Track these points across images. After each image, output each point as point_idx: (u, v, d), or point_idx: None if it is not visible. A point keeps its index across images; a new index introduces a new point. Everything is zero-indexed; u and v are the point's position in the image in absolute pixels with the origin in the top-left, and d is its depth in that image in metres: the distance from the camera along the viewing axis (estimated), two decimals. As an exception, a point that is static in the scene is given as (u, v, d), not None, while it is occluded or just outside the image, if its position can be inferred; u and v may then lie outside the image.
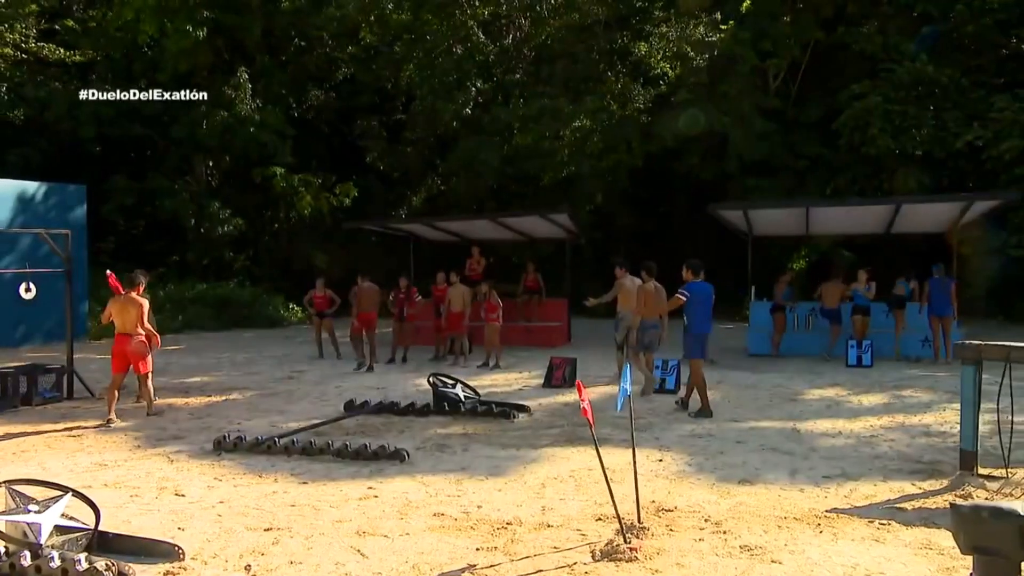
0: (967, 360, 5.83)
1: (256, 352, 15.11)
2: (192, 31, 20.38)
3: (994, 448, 6.35)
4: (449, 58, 20.68)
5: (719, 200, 22.73)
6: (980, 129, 16.73)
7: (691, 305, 8.73)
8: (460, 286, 13.04)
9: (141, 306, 8.46)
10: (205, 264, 22.65)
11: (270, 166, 22.24)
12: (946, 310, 12.94)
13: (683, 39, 20.33)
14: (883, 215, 13.53)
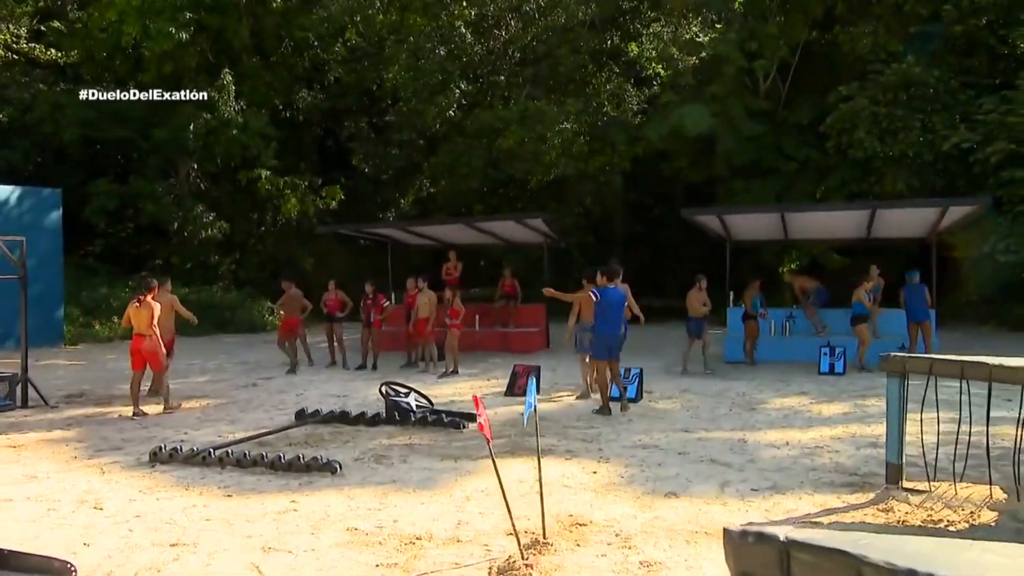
0: (891, 373, 5.90)
1: (229, 358, 15.27)
2: (174, 33, 20.55)
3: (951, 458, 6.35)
4: (433, 60, 20.79)
5: (709, 203, 23.01)
6: (967, 132, 16.72)
7: (600, 308, 9.39)
8: (427, 292, 13.17)
9: (153, 309, 9.45)
10: (189, 268, 22.83)
11: (255, 169, 22.40)
12: (924, 315, 13.06)
13: (671, 40, 20.39)
14: (860, 219, 13.57)
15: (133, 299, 9.68)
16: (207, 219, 22.24)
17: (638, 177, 24.84)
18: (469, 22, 22.45)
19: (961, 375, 5.55)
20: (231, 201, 24.17)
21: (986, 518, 5.28)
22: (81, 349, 16.85)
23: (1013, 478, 5.39)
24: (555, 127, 19.40)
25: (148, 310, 9.41)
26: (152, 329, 9.41)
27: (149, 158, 22.63)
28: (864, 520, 5.41)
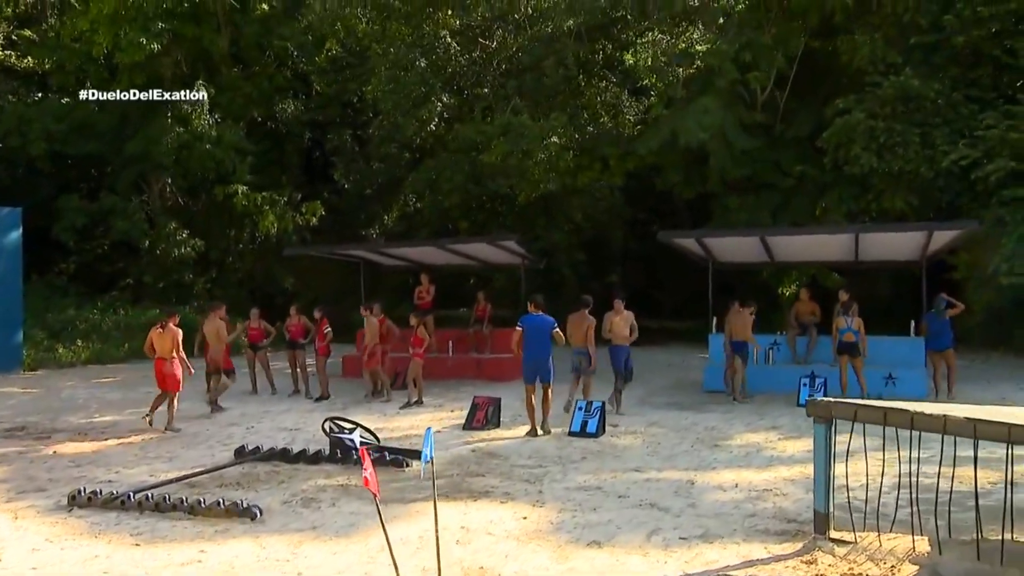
0: (818, 418, 6.04)
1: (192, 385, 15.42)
2: (146, 43, 20.94)
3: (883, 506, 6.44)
4: (414, 72, 21.09)
5: (708, 219, 23.14)
6: (967, 148, 16.79)
7: (525, 335, 10.55)
8: (372, 319, 13.37)
9: (175, 335, 11.01)
10: (163, 287, 23.14)
11: (232, 184, 22.73)
12: (948, 343, 13.16)
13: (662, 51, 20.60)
14: (846, 243, 13.68)
15: (156, 325, 11.20)
16: (181, 236, 22.56)
17: (634, 192, 24.99)
18: (454, 31, 22.74)
19: (884, 422, 5.69)
20: (207, 217, 24.51)
21: (907, 572, 5.41)
22: (40, 375, 17.11)
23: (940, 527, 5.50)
24: (540, 142, 19.60)
25: (171, 335, 10.94)
26: (174, 354, 10.92)
27: (121, 173, 23.00)
28: (783, 573, 5.55)
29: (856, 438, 6.15)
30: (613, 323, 12.03)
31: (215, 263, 24.70)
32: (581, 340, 11.66)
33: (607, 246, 26.54)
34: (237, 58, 25.80)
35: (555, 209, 23.43)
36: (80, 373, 17.50)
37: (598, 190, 23.49)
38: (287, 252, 19.22)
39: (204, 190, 23.70)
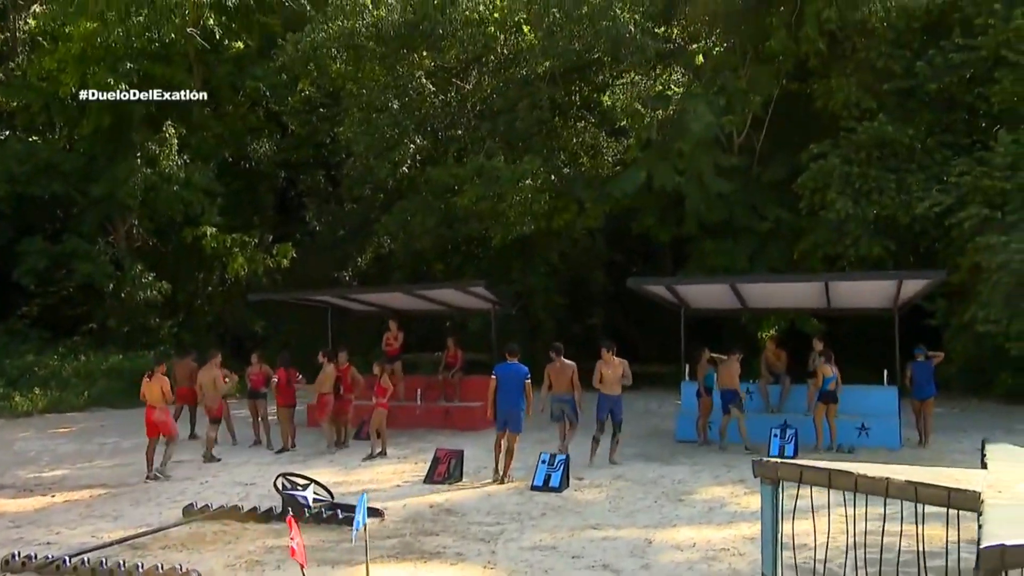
0: (765, 480, 6.11)
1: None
2: (114, 83, 21.14)
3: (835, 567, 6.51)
4: (387, 114, 21.35)
5: (684, 263, 23.39)
6: (941, 194, 17.14)
7: (498, 384, 11.04)
8: (327, 366, 13.42)
9: (163, 383, 11.52)
10: (127, 331, 23.07)
11: (200, 226, 22.81)
12: (930, 392, 13.54)
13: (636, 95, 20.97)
14: (818, 291, 13.88)
15: (146, 373, 11.70)
16: (147, 279, 22.55)
17: (614, 234, 25.23)
18: (429, 72, 23.06)
19: (829, 484, 5.78)
20: (175, 259, 24.54)
21: (852, 639, 5.46)
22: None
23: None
24: (514, 184, 19.82)
25: (159, 383, 11.42)
26: (163, 401, 11.44)
27: (86, 215, 23.02)
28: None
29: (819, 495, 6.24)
30: (603, 374, 12.10)
31: (183, 306, 24.68)
32: (565, 386, 11.96)
33: (586, 288, 26.68)
34: (209, 97, 26.03)
35: (532, 252, 23.59)
36: (36, 423, 17.36)
37: (575, 232, 23.70)
38: (252, 298, 19.27)
39: (172, 232, 23.75)
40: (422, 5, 21.94)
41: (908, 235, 18.55)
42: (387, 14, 21.66)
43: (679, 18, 22.33)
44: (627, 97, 21.01)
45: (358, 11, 21.34)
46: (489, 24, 21.13)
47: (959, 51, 17.67)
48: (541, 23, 20.98)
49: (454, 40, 20.98)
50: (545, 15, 20.63)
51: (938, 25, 18.55)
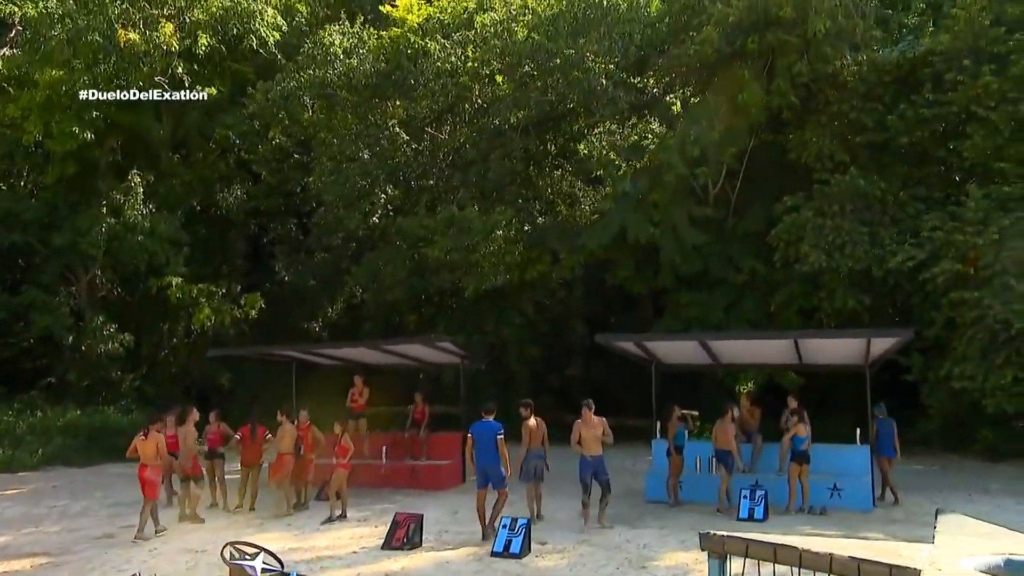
0: (712, 554, 6.18)
1: (104, 497, 15.25)
2: (79, 133, 21.29)
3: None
4: (358, 163, 21.60)
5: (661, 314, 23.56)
6: (914, 249, 17.45)
7: (475, 442, 11.39)
8: (286, 425, 13.40)
9: (157, 441, 11.78)
10: (87, 385, 22.91)
11: (165, 276, 22.82)
12: (890, 451, 13.86)
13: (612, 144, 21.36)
14: (788, 347, 14.04)
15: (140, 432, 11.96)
16: (108, 331, 22.46)
17: (592, 284, 25.43)
18: (402, 121, 23.38)
19: (774, 559, 5.85)
20: (140, 310, 24.50)
21: None
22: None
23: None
24: (487, 235, 20.03)
25: (154, 441, 11.70)
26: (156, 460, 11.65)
27: (46, 265, 23.00)
28: None
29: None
30: (583, 435, 12.09)
31: (146, 358, 24.56)
32: (539, 442, 12.34)
33: (564, 339, 26.80)
34: (178, 144, 26.25)
35: (506, 303, 23.71)
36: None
37: (551, 283, 23.88)
38: (211, 353, 19.23)
39: (137, 282, 23.74)
40: (394, 55, 22.39)
41: (883, 288, 18.81)
42: (359, 64, 22.06)
43: (653, 68, 22.82)
44: (601, 147, 21.41)
45: (329, 60, 21.69)
46: (462, 75, 21.51)
47: (930, 106, 18.14)
48: (514, 74, 21.40)
49: (426, 90, 21.32)
50: (518, 67, 21.05)
51: (909, 79, 19.04)
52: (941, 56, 18.08)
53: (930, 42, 18.57)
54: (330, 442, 13.52)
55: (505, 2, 21.92)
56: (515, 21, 21.09)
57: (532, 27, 21.07)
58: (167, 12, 22.33)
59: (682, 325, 21.62)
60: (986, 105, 17.12)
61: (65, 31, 20.95)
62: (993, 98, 17.01)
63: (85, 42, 20.93)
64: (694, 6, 21.83)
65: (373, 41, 22.88)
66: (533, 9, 21.50)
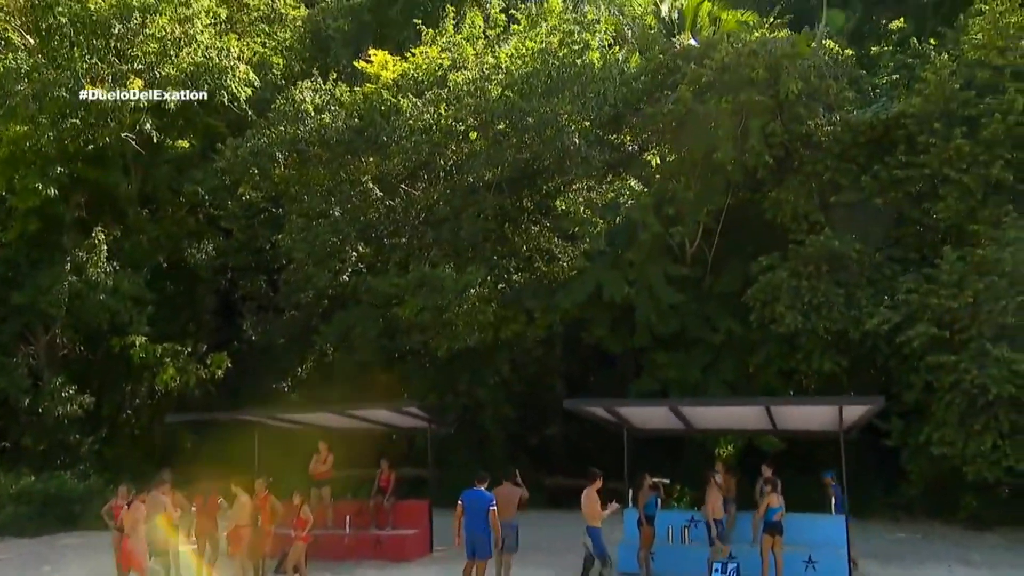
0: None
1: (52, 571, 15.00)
2: (42, 188, 21.37)
3: None
4: (328, 221, 21.76)
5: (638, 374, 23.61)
6: (890, 311, 17.67)
7: (465, 511, 11.49)
8: (241, 496, 13.30)
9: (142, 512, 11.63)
10: (44, 449, 22.65)
11: (129, 335, 22.74)
12: None
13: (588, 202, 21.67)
14: (760, 413, 14.13)
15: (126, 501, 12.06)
16: (67, 393, 22.28)
17: (570, 343, 25.51)
18: (375, 177, 23.60)
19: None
20: (101, 370, 24.35)
21: None
22: None
23: None
24: (460, 294, 20.16)
25: (137, 513, 11.59)
26: (140, 531, 11.50)
27: (5, 324, 22.89)
28: None
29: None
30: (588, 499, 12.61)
31: (106, 420, 24.35)
32: (510, 513, 12.33)
33: (541, 399, 26.75)
34: (147, 199, 26.34)
35: (480, 363, 23.74)
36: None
37: (526, 342, 23.95)
38: (170, 419, 19.15)
39: (100, 340, 23.63)
40: (368, 111, 22.71)
41: (861, 351, 18.98)
42: (331, 120, 22.34)
43: (628, 126, 23.24)
44: (577, 204, 21.72)
45: (300, 117, 21.97)
46: (435, 132, 21.84)
47: (904, 167, 18.56)
48: (488, 132, 21.73)
49: (399, 148, 21.60)
50: (492, 124, 21.39)
51: (883, 140, 19.45)
52: (913, 118, 18.54)
53: (903, 104, 19.03)
54: (289, 512, 13.40)
55: (479, 61, 22.34)
56: (488, 80, 21.44)
57: (506, 85, 21.45)
58: (137, 67, 22.59)
59: (659, 386, 21.73)
60: (958, 168, 17.54)
61: (31, 87, 21.13)
62: (965, 161, 17.45)
63: (51, 98, 21.08)
64: (668, 65, 22.40)
65: (346, 97, 23.22)
66: (507, 68, 21.90)
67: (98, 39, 22.23)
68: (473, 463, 23.43)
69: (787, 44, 19.92)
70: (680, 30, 27.63)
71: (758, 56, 19.52)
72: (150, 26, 22.46)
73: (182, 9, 22.90)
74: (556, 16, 23.50)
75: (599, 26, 24.09)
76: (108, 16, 21.91)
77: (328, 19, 29.87)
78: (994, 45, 17.82)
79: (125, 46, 22.63)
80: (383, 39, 28.37)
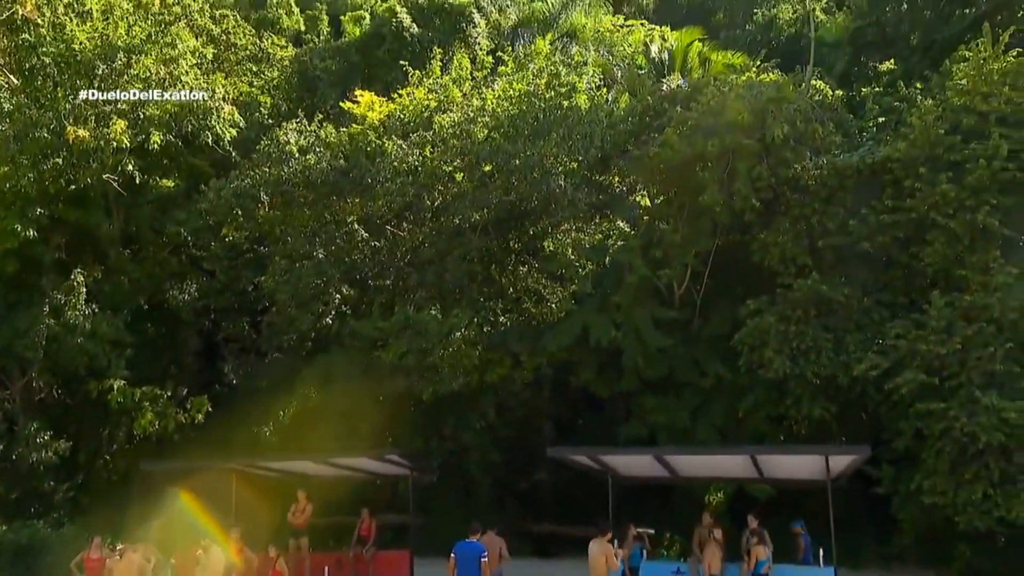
0: None
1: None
2: (21, 230, 21.39)
3: None
4: (312, 263, 21.86)
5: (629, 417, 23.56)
6: (878, 357, 17.76)
7: (457, 562, 11.48)
8: (213, 550, 13.18)
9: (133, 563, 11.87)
10: (16, 497, 22.40)
11: (107, 379, 22.64)
12: None
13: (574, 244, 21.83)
14: (746, 462, 14.14)
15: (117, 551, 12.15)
16: (43, 439, 22.09)
17: (558, 385, 25.50)
18: (360, 218, 23.74)
19: None
20: (79, 415, 24.16)
21: None
22: None
23: None
24: (445, 338, 20.21)
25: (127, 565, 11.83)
26: None
27: (-23, 370, 22.79)
28: None
29: None
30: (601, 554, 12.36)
31: (83, 466, 24.11)
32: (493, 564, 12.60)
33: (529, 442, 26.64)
34: (129, 239, 26.35)
35: (466, 407, 23.70)
36: None
37: (513, 386, 23.94)
38: (145, 467, 19.01)
39: (76, 384, 23.50)
40: (353, 153, 22.93)
41: (851, 396, 19.04)
42: (316, 161, 22.54)
43: (616, 168, 23.48)
44: (563, 247, 21.89)
45: (284, 159, 22.16)
46: (421, 174, 22.03)
47: (891, 212, 18.78)
48: (474, 174, 21.94)
49: (383, 189, 21.77)
50: (478, 167, 21.61)
51: (870, 184, 19.70)
52: (899, 163, 18.81)
53: (889, 149, 19.30)
54: (265, 565, 13.30)
55: (465, 103, 22.61)
56: (474, 122, 21.70)
57: (492, 127, 21.71)
58: (120, 107, 22.74)
59: (648, 430, 21.72)
60: (945, 212, 17.76)
61: (13, 127, 21.24)
62: (951, 206, 17.67)
63: (33, 138, 21.18)
64: (655, 107, 22.70)
65: (332, 138, 23.44)
66: (493, 110, 22.17)
67: (82, 79, 22.38)
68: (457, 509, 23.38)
69: (773, 88, 20.23)
70: (670, 71, 28.12)
71: (744, 100, 19.83)
72: (135, 66, 22.65)
73: (168, 50, 23.11)
74: (543, 58, 23.88)
75: (586, 68, 24.47)
76: (92, 57, 22.06)
77: (316, 59, 30.28)
78: (978, 91, 18.13)
79: (109, 86, 22.80)
80: (371, 79, 28.76)
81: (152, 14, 23.33)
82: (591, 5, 34.90)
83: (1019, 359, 16.98)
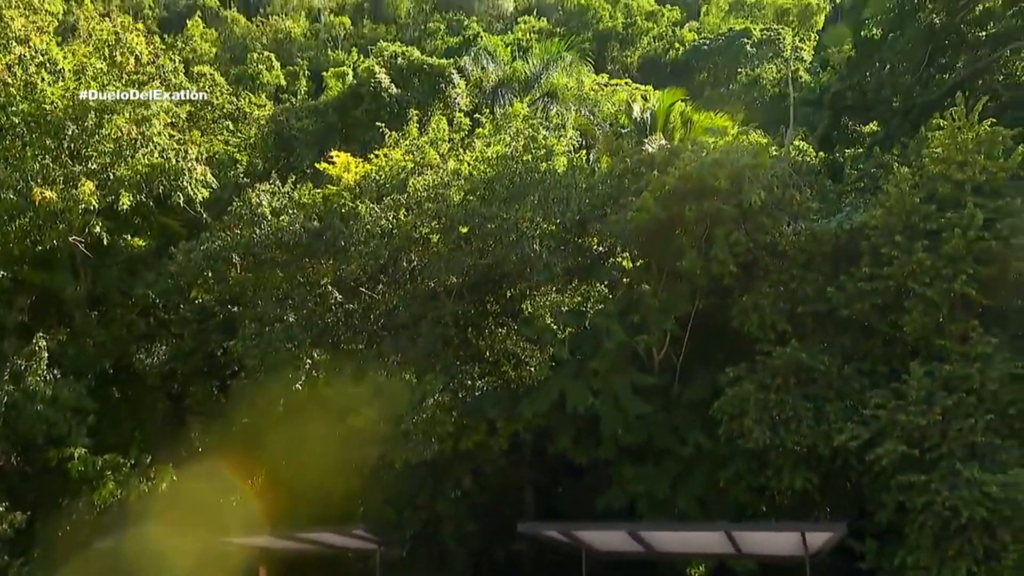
0: None
1: None
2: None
3: None
4: (282, 327, 21.89)
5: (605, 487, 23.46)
6: (859, 427, 17.85)
7: None
8: None
9: None
10: (-36, 575, 21.99)
11: (66, 447, 22.40)
12: None
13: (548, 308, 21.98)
14: (723, 537, 14.13)
15: None
16: (-2, 511, 21.80)
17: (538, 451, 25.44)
18: (334, 280, 23.85)
19: None
20: (37, 485, 23.82)
21: None
22: None
23: None
24: (415, 406, 20.20)
25: None
26: None
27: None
28: None
29: None
30: None
31: (40, 539, 23.69)
32: None
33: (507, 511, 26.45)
34: (95, 301, 26.30)
35: (440, 474, 23.58)
36: None
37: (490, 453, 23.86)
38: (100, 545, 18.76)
39: (34, 453, 23.22)
40: (327, 215, 23.14)
41: (832, 467, 19.06)
42: (289, 223, 22.72)
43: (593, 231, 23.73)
44: (540, 311, 22.03)
45: (256, 220, 22.33)
46: (395, 236, 22.21)
47: (869, 279, 19.01)
48: (449, 237, 22.14)
49: (357, 252, 21.93)
50: (453, 229, 21.83)
51: (848, 250, 20.00)
52: (876, 230, 19.11)
53: (865, 216, 19.64)
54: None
55: (441, 166, 22.92)
56: (448, 186, 21.99)
57: (468, 190, 21.99)
58: (90, 167, 22.89)
59: (628, 499, 21.62)
60: (922, 281, 18.00)
61: (-23, 189, 21.35)
62: (928, 274, 17.92)
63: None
64: (634, 170, 23.06)
65: (306, 198, 23.66)
66: (468, 173, 22.49)
67: (51, 139, 22.56)
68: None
69: (750, 154, 20.61)
70: (652, 130, 28.59)
71: (721, 166, 20.18)
72: (106, 126, 22.86)
73: (140, 110, 23.36)
74: (521, 120, 24.29)
75: (565, 130, 24.89)
76: (63, 117, 22.28)
77: (293, 118, 30.71)
78: (953, 160, 18.51)
79: (79, 147, 22.98)
80: (348, 139, 29.19)
81: (126, 72, 23.70)
82: (572, 65, 35.71)
83: (1000, 430, 17.13)
